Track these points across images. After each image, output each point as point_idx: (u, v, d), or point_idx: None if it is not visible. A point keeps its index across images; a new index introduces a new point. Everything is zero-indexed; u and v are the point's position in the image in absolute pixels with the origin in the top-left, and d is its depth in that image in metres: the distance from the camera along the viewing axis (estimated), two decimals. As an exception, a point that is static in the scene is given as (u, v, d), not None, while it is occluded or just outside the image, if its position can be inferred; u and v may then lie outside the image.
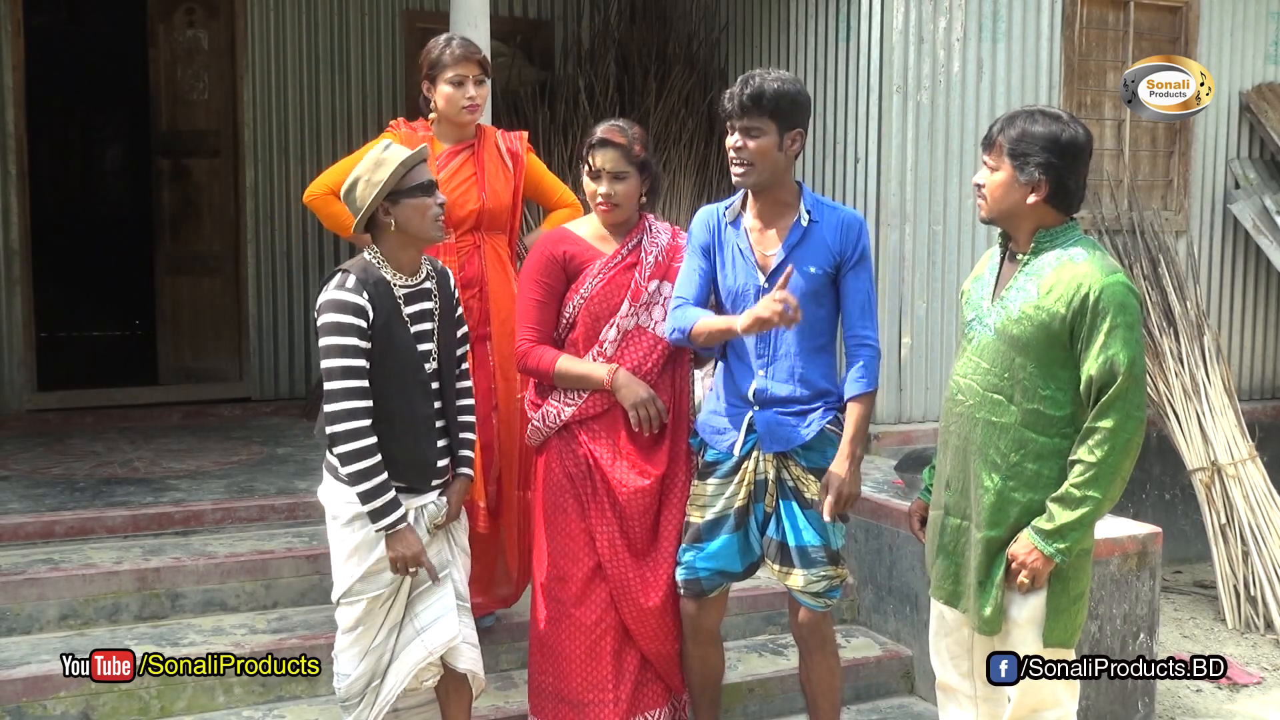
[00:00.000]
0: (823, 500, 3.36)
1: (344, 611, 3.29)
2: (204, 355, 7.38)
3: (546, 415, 3.59)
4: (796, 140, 3.36)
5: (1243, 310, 6.94)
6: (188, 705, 3.99)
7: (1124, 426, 2.86)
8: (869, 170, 5.79)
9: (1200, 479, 5.92)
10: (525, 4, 7.62)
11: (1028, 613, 3.01)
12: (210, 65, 7.23)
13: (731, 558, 3.49)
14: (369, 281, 3.17)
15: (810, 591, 3.45)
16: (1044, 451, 2.97)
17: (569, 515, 3.58)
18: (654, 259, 3.58)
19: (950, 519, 3.16)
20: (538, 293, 3.57)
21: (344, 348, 3.12)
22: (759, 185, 3.38)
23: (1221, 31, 6.68)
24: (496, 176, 4.08)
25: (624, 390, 3.50)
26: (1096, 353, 2.87)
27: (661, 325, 3.55)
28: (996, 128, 3.02)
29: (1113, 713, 4.37)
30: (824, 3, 6.04)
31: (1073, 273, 2.92)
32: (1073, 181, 2.99)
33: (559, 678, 3.60)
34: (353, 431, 3.11)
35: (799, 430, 3.40)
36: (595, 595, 3.57)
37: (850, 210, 3.51)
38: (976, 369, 3.06)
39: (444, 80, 3.98)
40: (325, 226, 4.15)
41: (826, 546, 3.42)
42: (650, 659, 3.63)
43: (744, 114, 3.29)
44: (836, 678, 3.60)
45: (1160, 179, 6.67)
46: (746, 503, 3.46)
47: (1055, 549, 2.92)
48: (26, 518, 4.70)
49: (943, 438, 3.21)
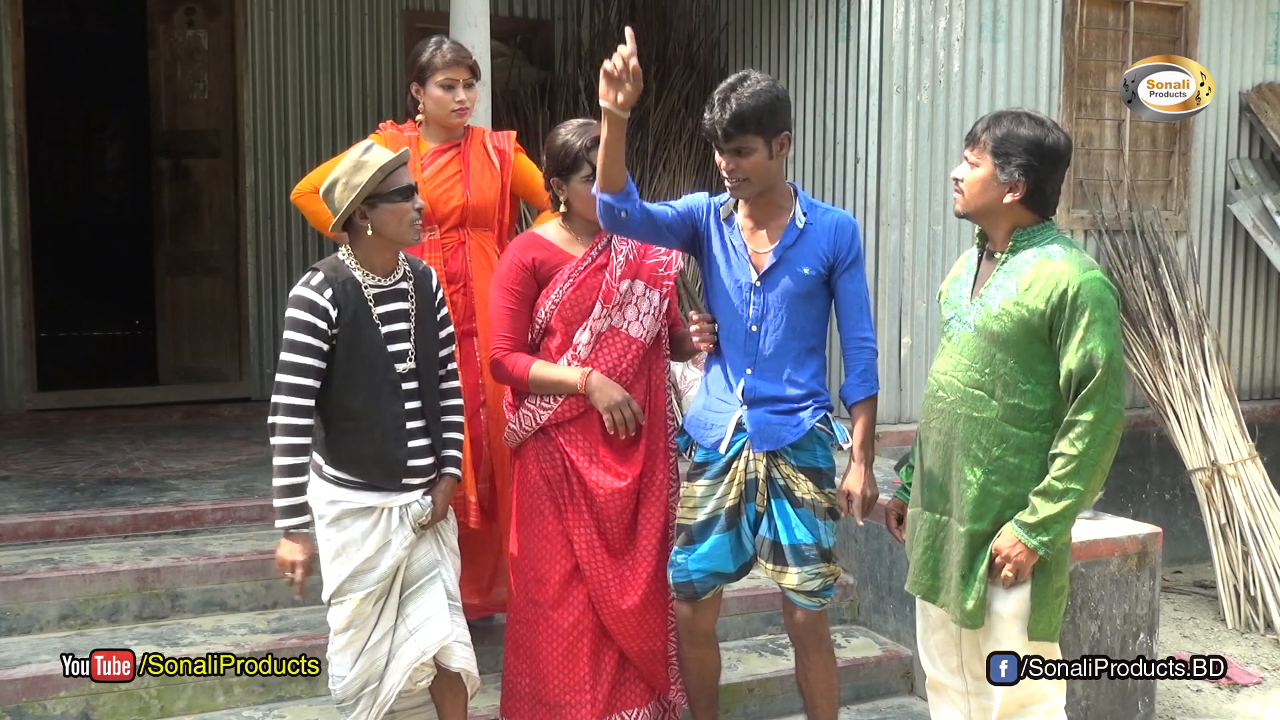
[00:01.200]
0: (847, 510, 3.38)
1: (335, 612, 3.30)
2: (204, 355, 7.38)
3: (523, 418, 3.58)
4: (784, 144, 3.35)
5: (1243, 310, 6.94)
6: (188, 705, 3.99)
7: (1103, 419, 2.92)
8: (869, 170, 5.79)
9: (1200, 479, 5.92)
10: (525, 4, 7.62)
11: (1012, 606, 3.05)
12: (210, 65, 7.23)
13: (724, 558, 3.48)
14: (337, 281, 3.20)
15: (805, 590, 3.44)
16: (1025, 445, 3.02)
17: (545, 517, 3.57)
18: (624, 258, 3.55)
19: (929, 514, 3.20)
20: (509, 301, 3.56)
21: (296, 344, 3.16)
22: (755, 195, 3.39)
23: (1221, 31, 6.68)
24: (482, 174, 4.09)
25: (598, 393, 3.49)
26: (1075, 347, 2.93)
27: (634, 326, 3.55)
28: (981, 126, 3.07)
29: (1113, 713, 4.37)
30: (824, 3, 6.04)
31: (1051, 269, 2.98)
32: (1049, 186, 3.06)
33: (536, 680, 3.59)
34: (287, 428, 3.16)
35: (788, 429, 3.39)
36: (573, 597, 3.57)
37: (842, 212, 3.51)
38: (957, 365, 3.11)
39: (434, 83, 3.99)
40: (311, 225, 4.17)
41: (819, 544, 3.42)
42: (631, 658, 3.63)
43: (729, 138, 3.28)
44: (833, 677, 3.60)
45: (1160, 179, 6.67)
46: (738, 502, 3.45)
47: (1039, 541, 2.97)
48: (26, 518, 4.70)
49: (922, 434, 3.24)
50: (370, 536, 3.24)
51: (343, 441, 3.22)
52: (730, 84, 3.31)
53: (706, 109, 3.33)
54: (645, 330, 3.57)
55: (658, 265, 3.60)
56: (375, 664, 3.30)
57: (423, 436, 3.34)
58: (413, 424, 3.31)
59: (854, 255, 3.42)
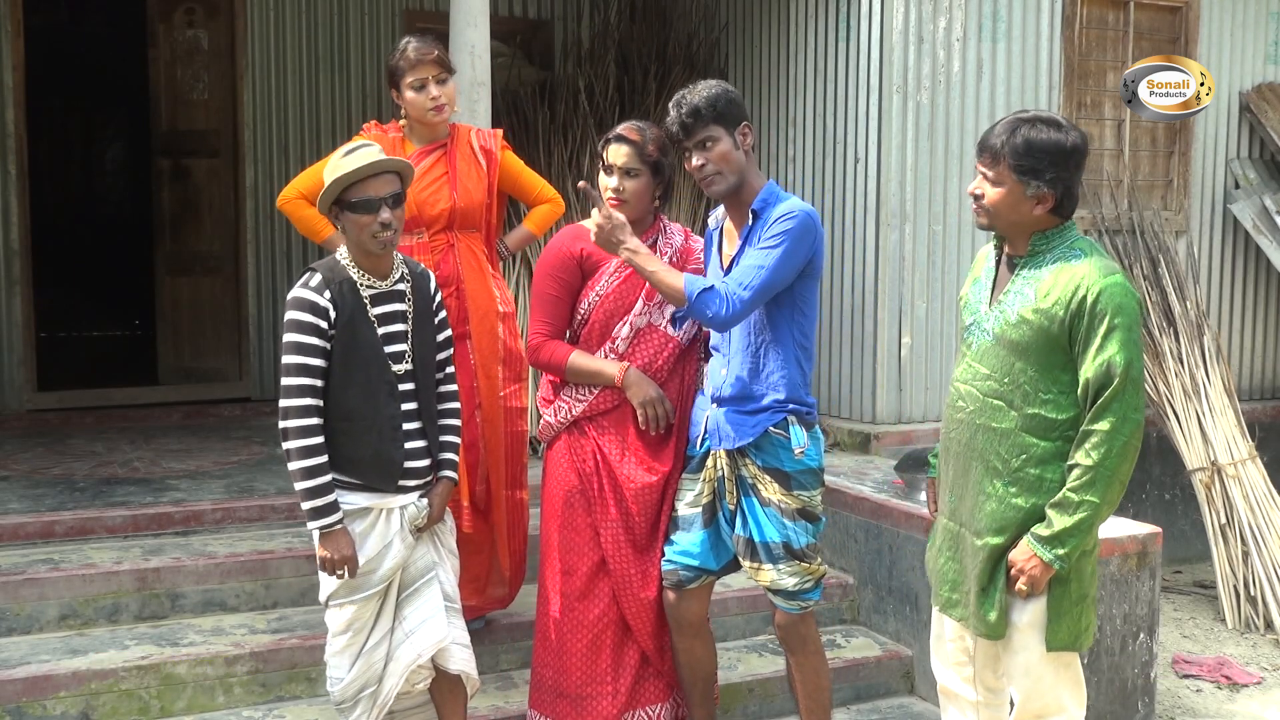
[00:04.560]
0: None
1: (333, 615, 3.30)
2: (204, 355, 7.38)
3: (558, 411, 3.66)
4: (747, 134, 3.42)
5: (1243, 310, 6.94)
6: (188, 705, 3.99)
7: (1121, 429, 2.84)
8: (869, 170, 5.79)
9: (1200, 479, 5.92)
10: (525, 4, 7.62)
11: (1029, 617, 3.00)
12: (210, 65, 7.23)
13: (705, 554, 3.54)
14: (334, 281, 3.21)
15: (781, 590, 3.46)
16: (1046, 456, 2.95)
17: (576, 510, 3.62)
18: (668, 259, 3.63)
19: (950, 524, 3.16)
20: (553, 288, 3.63)
21: (300, 345, 3.16)
22: (732, 188, 3.41)
23: (1221, 31, 6.68)
24: (469, 175, 4.09)
25: (634, 388, 3.56)
26: (1094, 355, 2.86)
27: (672, 325, 3.64)
28: (999, 140, 2.95)
29: (1113, 713, 4.37)
30: (824, 3, 6.04)
31: (1070, 275, 2.91)
32: (1076, 188, 2.99)
33: (560, 672, 3.64)
34: (301, 429, 3.15)
35: (744, 429, 3.43)
36: (599, 590, 3.62)
37: (796, 202, 3.40)
38: (976, 375, 3.05)
39: (406, 86, 3.99)
40: (299, 231, 4.16)
41: (786, 544, 3.43)
42: (649, 654, 3.66)
43: (690, 132, 3.36)
44: (822, 679, 3.60)
45: (1160, 179, 6.67)
46: (712, 499, 3.53)
47: (1054, 555, 2.90)
48: (26, 518, 4.70)
49: (944, 444, 3.20)
50: (368, 538, 3.24)
51: (339, 443, 3.22)
52: (682, 90, 3.44)
53: (666, 118, 3.43)
54: (683, 330, 3.66)
55: (697, 271, 3.67)
56: (373, 666, 3.30)
57: (419, 438, 3.34)
58: (409, 425, 3.31)
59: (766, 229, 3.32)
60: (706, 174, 3.39)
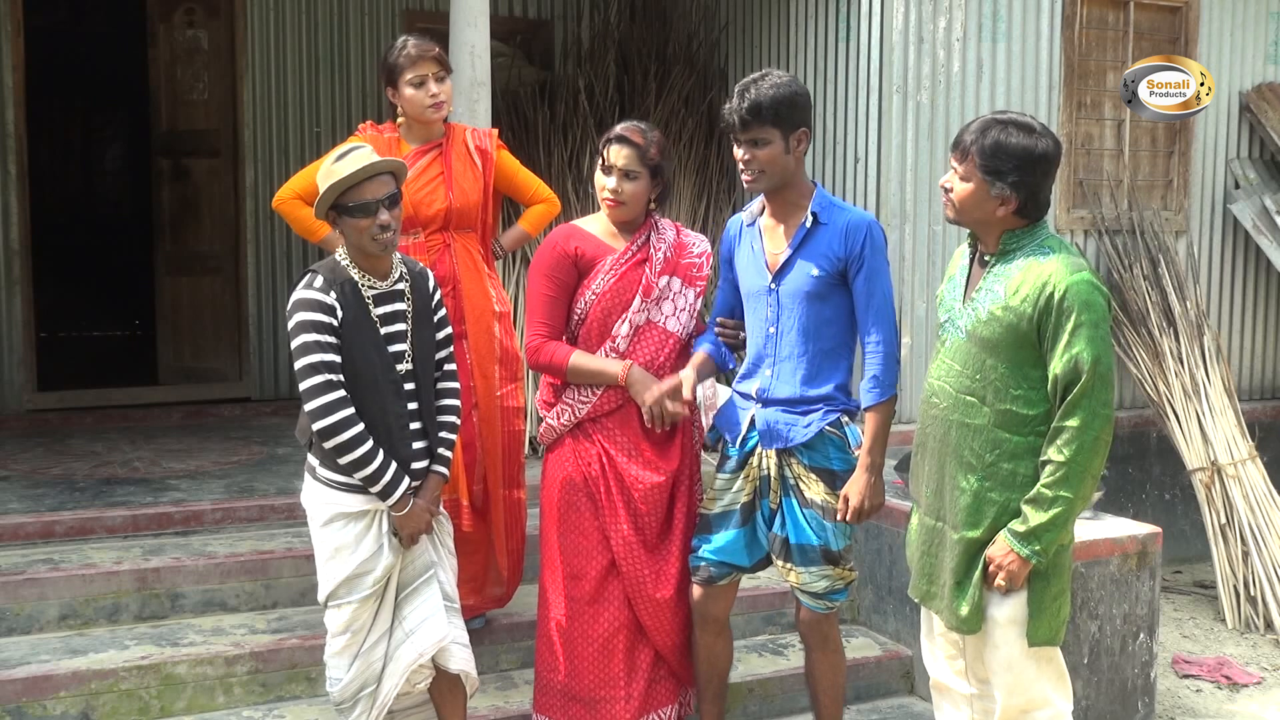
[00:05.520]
0: (841, 510, 3.38)
1: (332, 615, 3.30)
2: (204, 355, 7.37)
3: (561, 413, 3.62)
4: (802, 140, 3.38)
5: (1243, 310, 6.93)
6: (188, 705, 3.99)
7: (1091, 425, 2.89)
8: (869, 170, 5.79)
9: (1200, 479, 5.92)
10: (525, 4, 7.62)
11: (1008, 612, 3.04)
12: (210, 65, 7.22)
13: (738, 552, 3.53)
14: (336, 281, 3.21)
15: (810, 590, 3.46)
16: (1018, 451, 3.00)
17: (582, 514, 3.60)
18: (663, 255, 3.62)
19: (926, 520, 3.20)
20: (549, 288, 3.60)
21: (316, 344, 3.15)
22: (771, 189, 3.42)
23: (1221, 31, 6.68)
24: (464, 175, 4.08)
25: (639, 385, 3.53)
26: (1061, 351, 2.90)
27: (671, 321, 3.62)
28: (970, 138, 3.01)
29: (1113, 713, 4.37)
30: (824, 3, 6.04)
31: (1038, 272, 2.95)
32: (1043, 194, 3.03)
33: (571, 675, 3.61)
34: (338, 423, 3.14)
35: (796, 429, 3.42)
36: (609, 592, 3.60)
37: (860, 213, 3.49)
38: (949, 371, 3.10)
39: (404, 83, 3.98)
40: (295, 231, 4.16)
41: (824, 547, 3.43)
42: (663, 653, 3.66)
43: (746, 127, 3.31)
44: (839, 675, 3.62)
45: (1160, 179, 6.67)
46: (751, 498, 3.50)
47: (1031, 550, 2.95)
48: (26, 518, 4.70)
49: (919, 439, 3.24)
50: (364, 540, 3.24)
51: None
52: (753, 78, 3.36)
53: (727, 100, 3.38)
54: (681, 326, 3.65)
55: (692, 265, 3.68)
56: (372, 666, 3.30)
57: (421, 438, 3.34)
58: (414, 425, 3.32)
59: (865, 257, 3.39)
60: (750, 170, 3.37)
